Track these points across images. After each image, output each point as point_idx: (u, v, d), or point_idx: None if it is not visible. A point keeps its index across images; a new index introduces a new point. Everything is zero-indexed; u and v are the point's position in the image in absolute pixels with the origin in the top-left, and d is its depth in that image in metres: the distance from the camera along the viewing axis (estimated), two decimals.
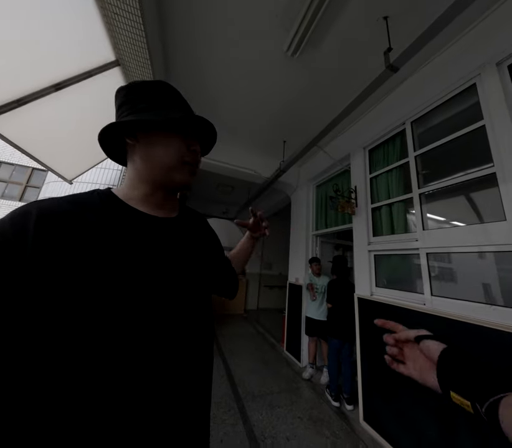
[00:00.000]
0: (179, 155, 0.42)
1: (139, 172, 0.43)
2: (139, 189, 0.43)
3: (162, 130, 0.42)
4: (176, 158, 0.42)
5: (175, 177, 0.43)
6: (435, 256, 1.46)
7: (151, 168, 0.42)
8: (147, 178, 0.43)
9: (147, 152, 0.42)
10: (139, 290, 0.35)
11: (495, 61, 1.27)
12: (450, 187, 1.45)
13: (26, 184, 6.21)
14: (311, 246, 2.93)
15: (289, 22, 1.41)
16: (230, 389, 2.00)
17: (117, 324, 0.32)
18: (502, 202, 1.17)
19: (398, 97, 1.85)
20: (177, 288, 0.40)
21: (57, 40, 1.39)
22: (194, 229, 0.52)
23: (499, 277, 1.18)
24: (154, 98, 0.43)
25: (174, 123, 0.42)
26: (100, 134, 0.41)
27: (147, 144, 0.42)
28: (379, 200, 1.95)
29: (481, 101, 1.33)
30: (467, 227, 1.32)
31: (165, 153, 0.41)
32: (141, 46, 1.47)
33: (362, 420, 1.63)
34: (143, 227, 0.40)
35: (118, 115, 0.43)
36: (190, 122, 0.44)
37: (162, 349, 0.35)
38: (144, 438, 0.32)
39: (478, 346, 1.12)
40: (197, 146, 0.45)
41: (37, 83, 1.51)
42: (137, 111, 0.41)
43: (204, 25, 1.50)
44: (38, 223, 0.31)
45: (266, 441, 1.46)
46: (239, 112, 2.34)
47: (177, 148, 0.42)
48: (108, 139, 0.44)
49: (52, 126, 1.70)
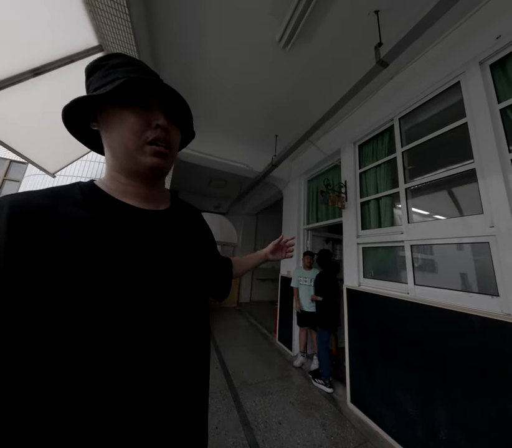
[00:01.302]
0: (137, 133, 0.35)
1: (108, 160, 0.39)
2: (115, 179, 0.39)
3: (113, 104, 0.36)
4: (133, 139, 0.35)
5: (138, 161, 0.37)
6: (418, 247, 1.55)
7: (115, 155, 0.37)
8: (116, 166, 0.38)
9: (106, 134, 0.37)
10: (128, 286, 0.33)
11: (478, 60, 1.31)
12: (434, 182, 1.52)
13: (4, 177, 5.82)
14: (302, 239, 2.99)
15: (282, 12, 1.39)
16: (224, 380, 2.06)
17: (110, 323, 0.31)
18: (480, 196, 1.24)
19: (387, 93, 1.88)
20: (168, 283, 0.38)
21: (32, 22, 1.29)
22: (185, 223, 0.48)
23: (475, 266, 1.27)
24: (104, 75, 0.37)
25: (120, 91, 0.34)
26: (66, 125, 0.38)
27: (104, 125, 0.37)
28: (368, 194, 2.01)
29: (465, 98, 1.38)
30: (448, 220, 1.40)
31: (120, 132, 0.35)
32: (125, 31, 1.40)
33: (350, 402, 1.74)
34: (130, 221, 0.38)
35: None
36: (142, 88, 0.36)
37: (159, 344, 0.35)
38: (143, 434, 0.31)
39: (456, 330, 1.20)
40: (161, 119, 0.37)
41: (11, 67, 1.41)
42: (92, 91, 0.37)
43: (193, 10, 1.44)
44: (11, 222, 0.28)
45: (260, 426, 1.53)
46: (230, 105, 2.29)
47: (131, 124, 0.35)
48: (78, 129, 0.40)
49: (32, 114, 1.60)
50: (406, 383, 1.40)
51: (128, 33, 1.42)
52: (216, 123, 2.57)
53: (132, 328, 0.32)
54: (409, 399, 1.37)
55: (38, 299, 0.27)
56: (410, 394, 1.37)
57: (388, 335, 1.54)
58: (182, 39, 1.62)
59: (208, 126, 2.58)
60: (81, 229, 0.32)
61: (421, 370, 1.33)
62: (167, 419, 0.34)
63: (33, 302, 0.27)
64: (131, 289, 0.33)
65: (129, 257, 0.35)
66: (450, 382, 1.20)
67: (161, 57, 1.78)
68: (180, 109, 0.41)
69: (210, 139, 2.77)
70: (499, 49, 1.22)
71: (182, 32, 1.57)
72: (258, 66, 1.82)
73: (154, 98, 0.38)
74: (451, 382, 1.19)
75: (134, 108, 0.36)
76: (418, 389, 1.33)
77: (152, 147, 0.36)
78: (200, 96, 2.17)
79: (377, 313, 1.64)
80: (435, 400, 1.25)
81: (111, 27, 1.39)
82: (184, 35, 1.59)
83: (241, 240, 5.86)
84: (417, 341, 1.37)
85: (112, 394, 0.30)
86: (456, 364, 1.19)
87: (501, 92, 1.24)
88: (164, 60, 1.80)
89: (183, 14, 1.46)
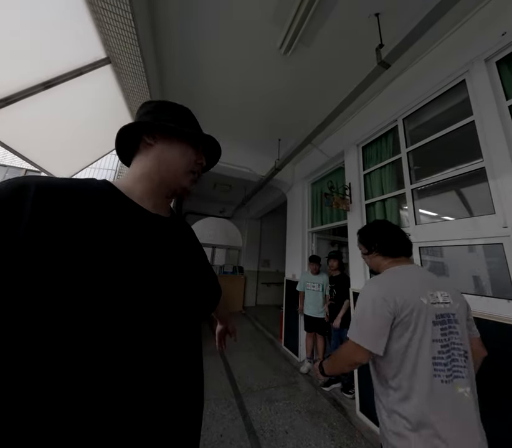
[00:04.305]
0: (189, 164, 0.48)
1: (150, 169, 0.45)
2: (143, 183, 0.45)
3: (181, 139, 0.47)
4: (186, 166, 0.47)
5: (180, 181, 0.47)
6: (427, 250, 1.50)
7: (163, 169, 0.46)
8: (154, 176, 0.45)
9: (163, 153, 0.46)
10: (134, 286, 0.34)
11: (483, 57, 1.29)
12: (441, 182, 1.48)
13: None
14: (307, 242, 2.96)
15: (283, 19, 1.41)
16: (229, 386, 2.02)
17: (113, 322, 0.31)
18: (491, 196, 1.20)
19: (390, 94, 1.87)
20: (172, 286, 0.39)
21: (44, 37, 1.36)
22: (185, 231, 0.54)
23: (488, 269, 1.21)
24: (176, 115, 0.49)
25: (191, 136, 0.48)
26: (122, 129, 0.45)
27: (165, 146, 0.46)
28: (373, 196, 1.97)
29: (471, 97, 1.35)
30: (458, 221, 1.35)
31: (180, 159, 0.47)
32: (132, 43, 1.45)
33: (359, 411, 1.68)
34: (143, 223, 0.41)
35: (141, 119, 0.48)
36: (203, 139, 0.51)
37: (157, 344, 0.35)
38: (140, 436, 0.32)
39: None
40: (203, 161, 0.52)
41: (24, 81, 1.48)
42: (160, 120, 0.46)
43: (197, 21, 1.49)
44: (38, 199, 0.29)
45: (265, 435, 1.48)
46: (233, 111, 2.34)
47: (189, 158, 0.48)
48: (125, 136, 0.47)
49: (43, 125, 1.67)
50: None
51: (134, 46, 1.47)
52: (219, 128, 2.61)
53: (133, 327, 0.33)
54: None
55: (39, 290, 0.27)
56: None
57: None
58: (185, 48, 1.68)
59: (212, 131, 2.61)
60: (97, 223, 0.33)
61: None
62: (164, 416, 0.35)
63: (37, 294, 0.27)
64: (137, 289, 0.34)
65: (140, 259, 0.36)
66: None
67: (165, 66, 1.84)
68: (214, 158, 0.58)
69: None
70: (505, 46, 1.20)
71: (185, 41, 1.62)
72: (259, 73, 1.85)
73: (203, 146, 0.53)
74: None
75: (193, 147, 0.49)
76: None
77: (194, 176, 0.50)
78: (203, 102, 2.22)
79: None
80: None
81: (118, 40, 1.45)
82: (187, 44, 1.64)
83: (246, 244, 5.87)
84: None
85: (109, 392, 0.30)
86: None
87: (509, 89, 1.21)
88: (167, 69, 1.86)
89: (186, 25, 1.51)
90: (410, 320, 0.66)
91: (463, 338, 0.69)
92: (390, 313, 0.67)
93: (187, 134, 0.47)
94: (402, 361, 0.66)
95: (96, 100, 1.72)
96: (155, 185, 0.45)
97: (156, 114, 0.47)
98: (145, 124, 0.45)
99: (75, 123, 1.78)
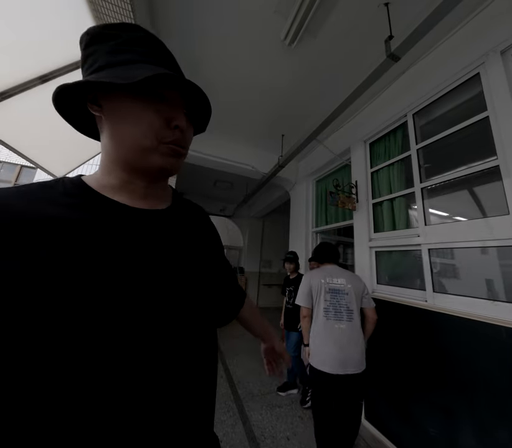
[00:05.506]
0: (155, 132, 0.32)
1: (108, 152, 0.34)
2: (112, 174, 0.35)
3: (128, 93, 0.31)
4: (150, 137, 0.32)
5: (151, 160, 0.33)
6: (437, 251, 1.43)
7: (121, 148, 0.33)
8: (118, 160, 0.34)
9: (112, 125, 0.32)
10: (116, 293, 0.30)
11: (499, 49, 1.22)
12: (453, 181, 1.42)
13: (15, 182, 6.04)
14: (311, 243, 2.90)
15: (287, 8, 1.35)
16: (229, 390, 1.98)
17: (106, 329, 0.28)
18: (505, 195, 1.13)
19: (400, 88, 1.80)
20: (160, 287, 0.34)
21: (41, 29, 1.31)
22: (187, 225, 0.42)
23: (502, 272, 1.16)
24: (114, 50, 0.32)
25: (144, 85, 0.30)
26: (55, 101, 0.33)
27: (111, 113, 0.32)
28: (380, 195, 1.91)
29: (485, 91, 1.28)
30: (470, 222, 1.29)
31: (135, 129, 0.31)
32: None
33: (364, 419, 1.62)
34: (119, 221, 0.33)
35: (83, 75, 0.34)
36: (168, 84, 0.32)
37: (160, 351, 0.31)
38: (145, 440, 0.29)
39: (479, 342, 1.09)
40: (181, 120, 0.33)
41: (21, 75, 1.44)
42: (96, 70, 0.32)
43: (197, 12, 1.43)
44: None
45: (266, 441, 1.44)
46: (235, 104, 2.27)
47: (149, 121, 0.31)
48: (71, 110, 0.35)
49: (39, 120, 1.63)
50: (427, 400, 1.28)
51: None
52: (220, 123, 2.55)
53: (128, 333, 0.29)
54: (430, 418, 1.24)
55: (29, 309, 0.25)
56: (431, 411, 1.24)
57: (405, 345, 1.42)
58: (186, 41, 1.62)
59: (213, 127, 2.57)
60: (58, 231, 0.28)
61: (442, 386, 1.21)
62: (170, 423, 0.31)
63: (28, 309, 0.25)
64: (120, 296, 0.29)
65: (113, 263, 0.30)
66: (475, 401, 1.08)
67: None
68: (200, 107, 0.38)
69: (215, 140, 2.76)
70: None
71: (186, 33, 1.57)
72: (262, 66, 1.79)
73: (175, 92, 0.34)
74: (476, 400, 1.07)
75: (152, 101, 0.32)
76: (440, 407, 1.21)
77: (170, 146, 0.33)
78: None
79: (391, 322, 1.53)
80: (459, 420, 1.12)
81: None
82: (188, 36, 1.59)
83: (247, 243, 5.81)
84: (435, 352, 1.26)
85: (113, 397, 0.28)
86: (481, 380, 1.07)
87: None
88: None
89: (187, 16, 1.45)
90: (315, 290, 1.37)
91: (350, 302, 1.31)
92: (309, 288, 1.40)
93: (134, 84, 0.29)
94: (316, 310, 1.35)
95: None
96: (123, 170, 0.34)
97: (92, 59, 0.32)
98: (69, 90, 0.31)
99: None
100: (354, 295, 1.33)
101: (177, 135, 0.34)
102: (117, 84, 0.29)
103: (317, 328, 1.30)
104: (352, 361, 1.20)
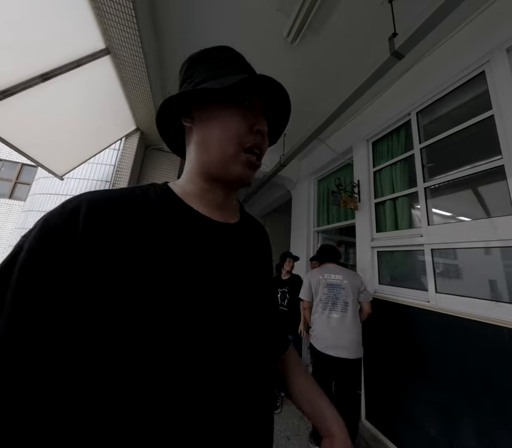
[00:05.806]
0: (239, 139, 0.32)
1: (192, 162, 0.35)
2: (194, 183, 0.36)
3: (219, 102, 0.33)
4: (234, 145, 0.32)
5: (231, 169, 0.33)
6: (440, 252, 1.42)
7: (205, 157, 0.34)
8: (201, 170, 0.35)
9: (202, 132, 0.33)
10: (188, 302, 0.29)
11: (505, 47, 1.20)
12: (456, 181, 1.40)
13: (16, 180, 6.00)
14: (312, 242, 2.89)
15: (290, 6, 1.34)
16: None
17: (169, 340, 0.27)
18: (510, 195, 1.12)
19: (403, 86, 1.78)
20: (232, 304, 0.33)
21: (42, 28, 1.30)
22: (254, 243, 0.41)
23: (506, 272, 1.15)
24: (212, 67, 0.34)
25: (231, 90, 0.31)
26: (157, 118, 0.35)
27: (202, 123, 0.33)
28: (383, 194, 1.89)
29: (490, 89, 1.27)
30: (473, 222, 1.28)
31: (223, 134, 0.32)
32: (132, 33, 1.39)
33: (364, 419, 1.62)
34: (202, 233, 0.33)
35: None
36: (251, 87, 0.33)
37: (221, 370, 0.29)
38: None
39: (482, 343, 1.09)
40: (263, 125, 0.34)
41: (22, 73, 1.43)
42: (194, 85, 0.34)
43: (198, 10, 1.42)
44: (88, 221, 0.27)
45: None
46: None
47: (235, 127, 0.32)
48: (167, 125, 0.37)
49: (40, 118, 1.62)
50: (427, 400, 1.27)
51: (134, 35, 1.41)
52: None
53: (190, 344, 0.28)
54: (430, 418, 1.24)
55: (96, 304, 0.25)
56: (431, 412, 1.24)
57: (406, 345, 1.42)
58: (188, 38, 1.61)
59: None
60: (149, 236, 0.29)
61: (444, 386, 1.20)
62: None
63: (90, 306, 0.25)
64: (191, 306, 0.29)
65: (193, 273, 0.31)
66: (476, 401, 1.08)
67: (166, 57, 1.77)
68: (278, 116, 0.39)
69: None
70: None
71: (187, 31, 1.56)
72: (265, 63, 1.77)
73: (259, 98, 0.35)
74: (478, 400, 1.07)
75: (240, 108, 0.33)
76: (441, 407, 1.21)
77: (248, 156, 0.33)
78: None
79: (393, 323, 1.52)
80: (460, 419, 1.12)
81: (118, 29, 1.39)
82: (189, 34, 1.58)
83: None
84: (437, 353, 1.25)
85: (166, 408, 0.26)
86: (483, 380, 1.06)
87: None
88: (168, 60, 1.80)
89: (188, 13, 1.44)
90: (314, 285, 1.59)
91: (347, 296, 1.47)
92: (309, 284, 1.63)
93: (223, 89, 0.30)
94: (315, 302, 1.57)
95: (94, 92, 1.66)
96: (204, 179, 0.35)
97: (189, 80, 0.35)
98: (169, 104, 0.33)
99: (73, 116, 1.72)
100: (350, 289, 1.48)
101: (258, 139, 0.34)
102: (211, 91, 0.31)
103: (316, 316, 1.54)
104: (344, 347, 1.37)
